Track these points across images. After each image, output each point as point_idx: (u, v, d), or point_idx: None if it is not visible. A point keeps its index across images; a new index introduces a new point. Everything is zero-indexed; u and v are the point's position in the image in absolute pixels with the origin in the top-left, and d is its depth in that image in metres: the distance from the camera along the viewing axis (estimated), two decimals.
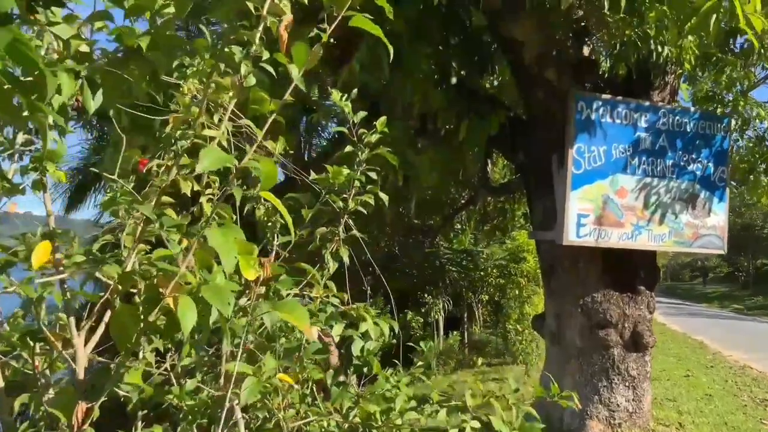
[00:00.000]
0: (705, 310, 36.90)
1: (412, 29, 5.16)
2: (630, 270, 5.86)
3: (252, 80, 1.61)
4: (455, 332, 12.78)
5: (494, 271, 13.10)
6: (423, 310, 14.19)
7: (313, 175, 1.92)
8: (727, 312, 35.89)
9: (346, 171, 1.97)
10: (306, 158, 12.39)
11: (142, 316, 1.22)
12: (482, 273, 13.27)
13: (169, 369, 1.74)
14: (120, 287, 1.23)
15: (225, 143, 1.64)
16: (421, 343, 2.77)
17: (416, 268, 12.87)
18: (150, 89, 1.67)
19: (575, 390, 5.85)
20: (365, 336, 1.92)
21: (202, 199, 1.64)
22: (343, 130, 2.04)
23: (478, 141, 5.92)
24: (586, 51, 5.97)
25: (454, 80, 5.19)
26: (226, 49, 1.36)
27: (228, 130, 1.71)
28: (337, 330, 1.85)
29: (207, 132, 1.38)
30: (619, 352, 5.69)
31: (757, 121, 6.13)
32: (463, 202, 9.53)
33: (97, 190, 15.11)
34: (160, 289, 1.15)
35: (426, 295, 13.67)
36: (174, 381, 1.69)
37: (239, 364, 1.43)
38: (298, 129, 10.39)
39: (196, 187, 1.45)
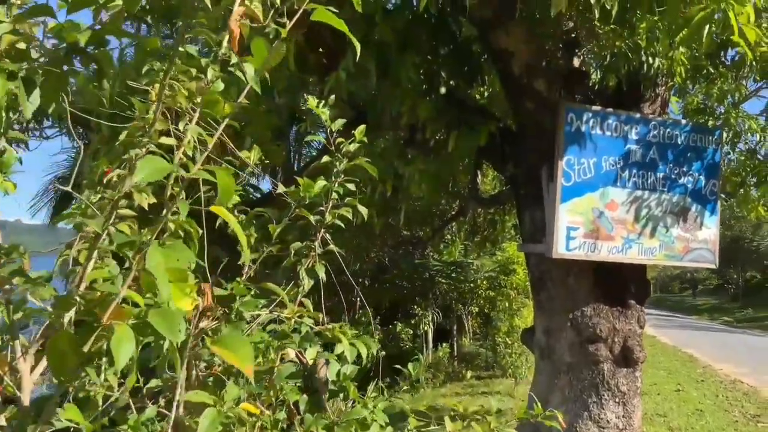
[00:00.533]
0: (695, 322, 37.02)
1: (400, 38, 5.09)
2: (620, 284, 5.77)
3: (220, 85, 1.50)
4: (445, 344, 12.68)
5: (484, 282, 13.04)
6: (413, 322, 14.10)
7: (281, 188, 1.80)
8: (717, 324, 36.02)
9: (322, 182, 1.86)
10: (296, 168, 12.30)
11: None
12: (472, 285, 13.20)
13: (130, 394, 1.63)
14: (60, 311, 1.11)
15: (190, 152, 1.53)
16: (409, 366, 2.65)
17: (406, 280, 12.79)
18: (118, 95, 1.58)
19: (565, 405, 5.78)
20: (342, 358, 1.80)
21: (165, 213, 1.53)
22: (321, 139, 1.93)
23: (467, 152, 5.83)
24: (576, 62, 5.92)
25: (443, 90, 5.10)
26: (181, 49, 1.24)
27: (195, 138, 1.60)
28: (312, 353, 1.74)
29: (164, 140, 1.27)
30: (609, 367, 5.59)
31: (749, 134, 6.07)
32: (452, 213, 9.44)
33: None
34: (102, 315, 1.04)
35: (416, 307, 13.59)
36: (133, 408, 1.57)
37: (198, 393, 1.31)
38: (287, 139, 10.30)
39: (152, 200, 1.34)
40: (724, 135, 6.00)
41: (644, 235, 5.49)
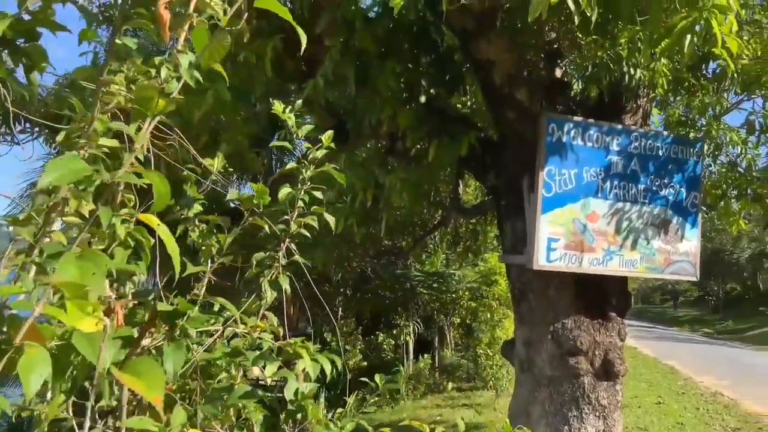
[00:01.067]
0: (676, 333, 37.23)
1: (380, 46, 5.02)
2: (601, 296, 5.72)
3: (173, 85, 1.41)
4: (426, 355, 12.58)
5: (466, 293, 12.96)
6: (395, 332, 14.00)
7: (231, 194, 1.71)
8: (697, 336, 36.26)
9: (287, 190, 1.76)
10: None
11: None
12: (453, 295, 13.12)
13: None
14: None
15: (141, 156, 1.44)
16: (376, 377, 2.56)
17: (388, 290, 12.69)
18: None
19: (545, 419, 5.70)
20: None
21: (115, 221, 1.43)
22: (287, 145, 1.84)
23: (448, 161, 5.76)
24: (558, 73, 5.89)
25: (423, 99, 5.03)
26: (118, 41, 1.15)
27: (148, 142, 1.51)
28: (270, 370, 1.64)
29: (104, 141, 1.17)
30: (589, 380, 5.53)
31: (730, 146, 6.06)
32: (434, 223, 9.37)
33: None
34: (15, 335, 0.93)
35: (398, 317, 13.49)
36: (76, 429, 1.45)
37: (141, 420, 1.21)
38: (267, 146, 10.18)
39: (91, 207, 1.23)
40: (705, 147, 5.99)
41: (625, 247, 5.45)
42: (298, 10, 4.68)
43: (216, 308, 1.90)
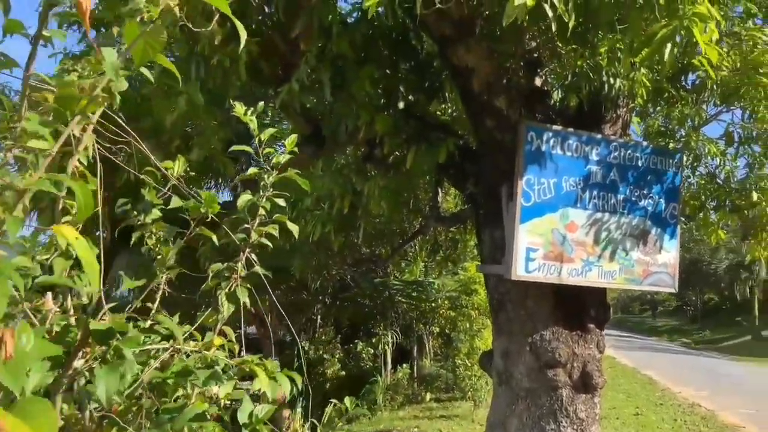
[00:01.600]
0: (654, 343, 37.49)
1: (359, 52, 4.94)
2: (580, 307, 5.66)
3: (123, 84, 1.30)
4: (405, 365, 12.46)
5: (446, 302, 12.86)
6: (374, 341, 13.88)
7: (174, 202, 1.60)
8: (675, 346, 36.55)
9: (247, 197, 1.66)
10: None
11: None
12: (433, 304, 13.01)
13: None
14: None
15: (85, 158, 1.33)
16: (346, 400, 2.44)
17: (367, 298, 12.56)
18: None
19: None
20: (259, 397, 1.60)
21: (55, 228, 1.32)
22: (248, 149, 1.74)
23: (426, 168, 5.68)
24: (538, 82, 5.84)
25: (401, 105, 4.95)
26: (46, 33, 1.04)
27: (94, 144, 1.40)
28: (225, 391, 1.53)
29: (34, 143, 1.06)
30: (567, 393, 5.45)
31: (709, 157, 6.06)
32: (413, 231, 9.28)
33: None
34: None
35: (377, 326, 13.38)
36: None
37: None
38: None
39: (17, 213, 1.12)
40: (685, 158, 5.98)
41: (604, 258, 5.40)
42: (274, 13, 4.59)
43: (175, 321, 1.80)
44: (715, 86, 5.59)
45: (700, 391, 14.34)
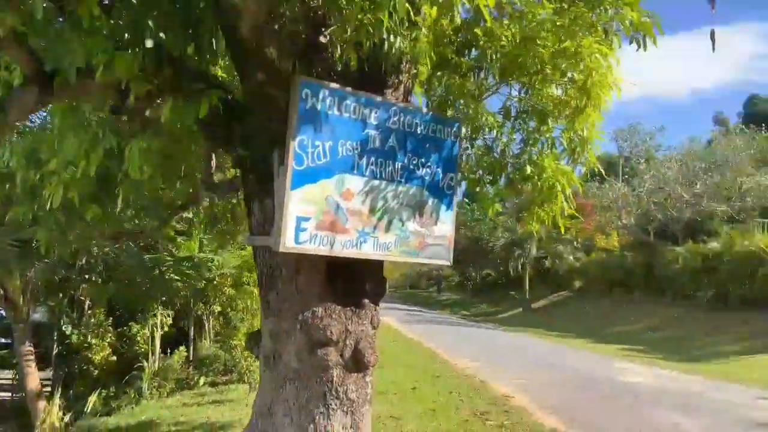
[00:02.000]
0: (438, 316, 39.84)
1: None
2: (355, 281, 5.31)
3: None
4: (182, 348, 11.48)
5: (228, 279, 12.05)
6: (151, 323, 12.71)
7: None
8: (456, 318, 39.18)
9: None
10: None
11: None
12: (215, 282, 12.12)
13: None
14: None
15: None
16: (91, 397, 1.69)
17: (139, 276, 11.33)
18: None
19: (289, 417, 5.14)
20: None
21: None
22: None
23: (186, 126, 4.92)
24: (323, 41, 5.33)
25: (150, 43, 4.11)
26: None
27: None
28: None
29: None
30: (338, 373, 5.08)
31: (487, 128, 6.02)
32: (182, 202, 8.33)
33: None
34: None
35: (155, 307, 12.22)
36: None
37: None
38: None
39: None
40: (464, 129, 5.88)
41: (379, 229, 5.08)
42: None
43: None
44: (495, 56, 5.51)
45: (474, 362, 15.13)
